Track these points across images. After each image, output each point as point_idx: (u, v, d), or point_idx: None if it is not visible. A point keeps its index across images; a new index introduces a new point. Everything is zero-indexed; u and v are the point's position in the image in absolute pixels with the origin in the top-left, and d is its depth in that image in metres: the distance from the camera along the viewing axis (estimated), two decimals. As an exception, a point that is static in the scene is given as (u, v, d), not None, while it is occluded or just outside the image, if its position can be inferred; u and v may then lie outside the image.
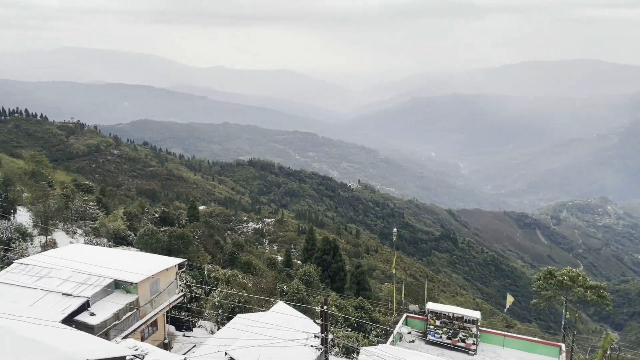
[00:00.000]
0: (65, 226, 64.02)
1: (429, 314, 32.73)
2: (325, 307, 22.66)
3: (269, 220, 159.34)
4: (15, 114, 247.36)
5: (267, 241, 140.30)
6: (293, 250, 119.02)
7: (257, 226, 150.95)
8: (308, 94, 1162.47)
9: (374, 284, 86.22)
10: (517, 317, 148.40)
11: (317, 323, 23.92)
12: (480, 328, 31.77)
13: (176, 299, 35.93)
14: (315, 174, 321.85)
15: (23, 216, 61.43)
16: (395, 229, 51.88)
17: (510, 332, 37.79)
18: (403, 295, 49.63)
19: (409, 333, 33.35)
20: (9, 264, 34.54)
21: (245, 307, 38.32)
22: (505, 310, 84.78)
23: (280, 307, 31.50)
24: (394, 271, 55.57)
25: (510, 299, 40.46)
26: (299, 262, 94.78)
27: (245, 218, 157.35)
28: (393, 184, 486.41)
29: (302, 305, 38.03)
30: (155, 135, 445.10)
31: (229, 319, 35.43)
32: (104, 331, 27.66)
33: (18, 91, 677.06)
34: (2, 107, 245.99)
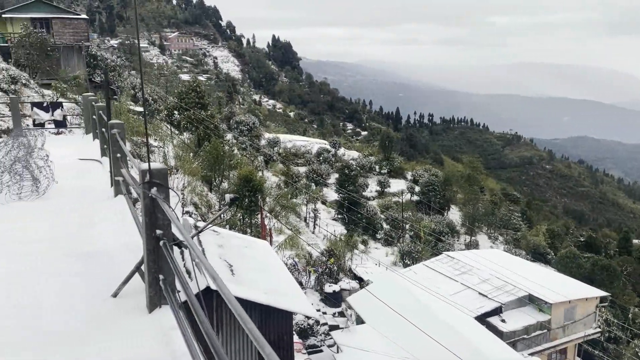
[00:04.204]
0: (489, 231, 67.56)
1: None
2: None
3: None
4: (462, 123, 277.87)
5: None
6: None
7: None
8: None
9: None
10: None
11: None
12: None
13: (592, 334, 32.78)
14: None
15: (454, 214, 68.34)
16: None
17: None
18: None
19: None
20: (437, 254, 39.24)
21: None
22: None
23: None
24: None
25: None
26: None
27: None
28: None
29: None
30: (592, 153, 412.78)
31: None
32: (511, 341, 27.90)
33: (467, 102, 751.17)
34: (452, 116, 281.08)
